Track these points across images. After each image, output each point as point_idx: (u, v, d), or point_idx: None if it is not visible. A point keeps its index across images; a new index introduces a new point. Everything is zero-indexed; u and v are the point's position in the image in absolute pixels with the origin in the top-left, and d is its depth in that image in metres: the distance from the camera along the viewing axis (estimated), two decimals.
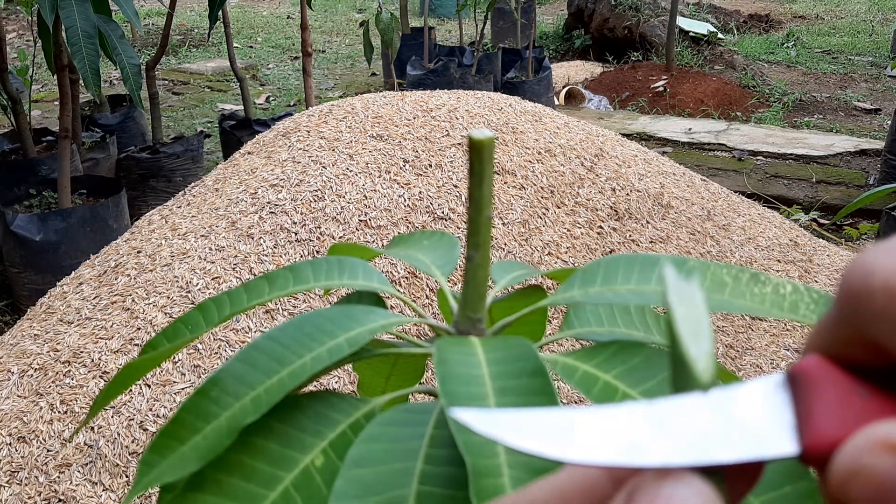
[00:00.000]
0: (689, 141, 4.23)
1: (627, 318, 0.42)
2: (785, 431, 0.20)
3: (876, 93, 5.30)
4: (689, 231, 2.01)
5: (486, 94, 2.20)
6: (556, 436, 0.21)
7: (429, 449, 0.31)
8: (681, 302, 0.21)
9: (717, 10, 7.25)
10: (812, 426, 0.20)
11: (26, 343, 1.53)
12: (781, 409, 0.21)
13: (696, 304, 0.21)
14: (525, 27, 4.93)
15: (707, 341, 0.21)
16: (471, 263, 0.37)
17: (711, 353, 0.21)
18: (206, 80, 5.89)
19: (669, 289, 0.22)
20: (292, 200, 1.73)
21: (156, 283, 1.57)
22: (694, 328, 0.21)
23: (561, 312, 1.58)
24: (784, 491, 0.30)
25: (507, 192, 1.85)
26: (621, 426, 0.21)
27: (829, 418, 0.20)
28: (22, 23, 7.22)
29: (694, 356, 0.21)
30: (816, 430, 0.20)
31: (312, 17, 8.06)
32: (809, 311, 0.36)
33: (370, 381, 0.50)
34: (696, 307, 0.21)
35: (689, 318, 0.21)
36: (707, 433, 0.20)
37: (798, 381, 0.21)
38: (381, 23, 3.47)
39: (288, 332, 0.35)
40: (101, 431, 1.34)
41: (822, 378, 0.21)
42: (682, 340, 0.21)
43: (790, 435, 0.20)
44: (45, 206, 2.69)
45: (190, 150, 3.28)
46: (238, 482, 0.31)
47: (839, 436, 0.19)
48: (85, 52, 2.19)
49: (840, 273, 0.18)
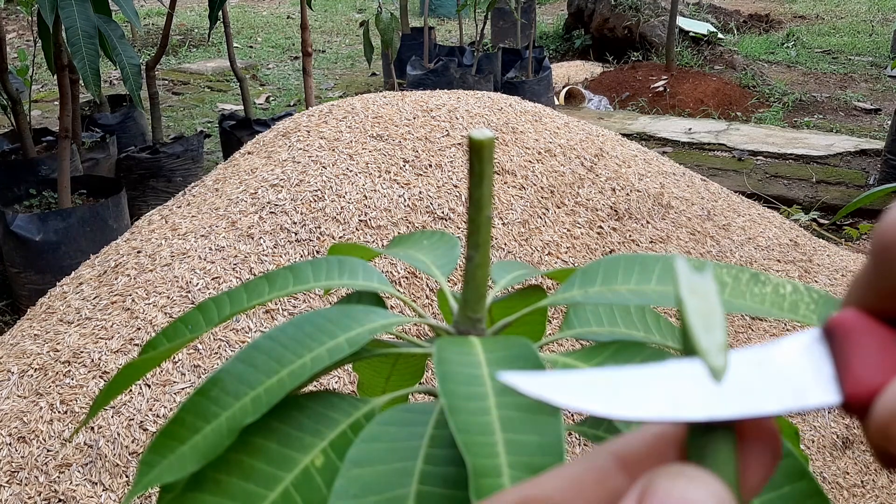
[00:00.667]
0: (689, 141, 4.23)
1: (627, 318, 0.42)
2: (826, 381, 0.21)
3: (876, 93, 5.30)
4: (689, 231, 2.01)
5: (486, 94, 2.20)
6: (603, 394, 0.21)
7: (429, 449, 0.31)
8: (693, 294, 0.22)
9: (717, 10, 7.25)
10: (851, 375, 0.20)
11: (26, 343, 1.53)
12: (820, 361, 0.21)
13: (708, 296, 0.22)
14: (525, 27, 4.93)
15: (720, 333, 0.21)
16: (471, 263, 0.37)
17: (725, 344, 0.21)
18: (206, 80, 5.89)
19: (681, 281, 0.22)
20: (292, 200, 1.73)
21: (156, 283, 1.57)
22: (706, 320, 0.21)
23: (561, 312, 1.58)
24: (784, 491, 0.30)
25: (507, 192, 1.85)
26: (665, 383, 0.21)
27: (868, 367, 0.20)
28: (22, 23, 7.22)
29: (706, 348, 0.21)
30: (856, 378, 0.20)
31: (312, 17, 8.05)
32: (809, 311, 0.36)
33: (370, 381, 0.50)
34: (709, 299, 0.22)
35: (701, 311, 0.21)
36: (750, 386, 0.20)
37: (835, 334, 0.21)
38: (381, 23, 3.47)
39: (288, 332, 0.35)
40: (101, 431, 1.34)
41: (858, 329, 0.21)
42: (695, 332, 0.21)
43: (831, 385, 0.21)
44: (45, 206, 2.69)
45: (190, 150, 3.28)
46: (238, 482, 0.31)
47: (879, 383, 0.20)
48: (85, 52, 2.19)
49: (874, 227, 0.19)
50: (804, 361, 0.21)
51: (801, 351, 0.21)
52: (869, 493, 1.53)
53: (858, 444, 1.60)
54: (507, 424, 0.29)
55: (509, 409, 0.30)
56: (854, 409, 0.20)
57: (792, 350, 0.22)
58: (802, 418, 1.60)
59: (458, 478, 0.30)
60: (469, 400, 0.30)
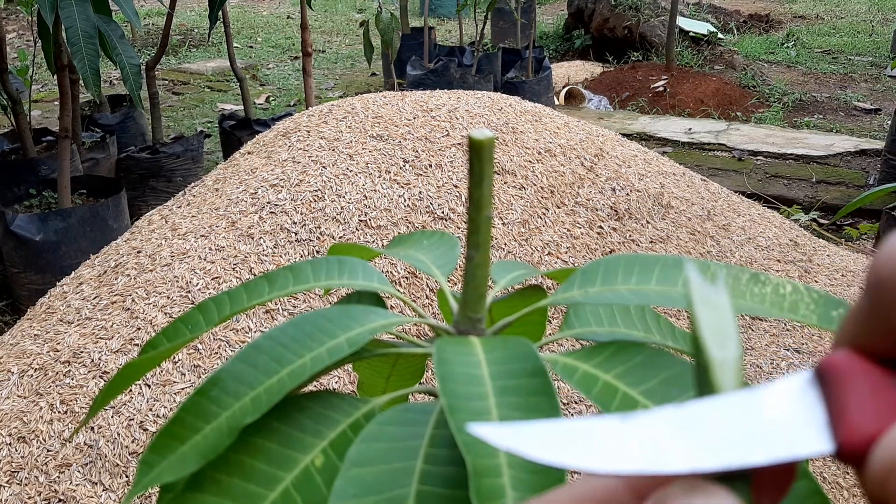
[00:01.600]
0: (689, 141, 4.23)
1: (627, 318, 0.42)
2: (818, 429, 0.20)
3: (876, 93, 5.30)
4: (689, 231, 2.01)
5: (486, 94, 2.20)
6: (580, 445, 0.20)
7: (429, 449, 0.31)
8: (705, 306, 0.21)
9: (717, 10, 7.25)
10: (846, 421, 0.19)
11: (26, 343, 1.53)
12: (812, 407, 0.20)
13: (721, 307, 0.21)
14: (525, 27, 4.93)
15: (733, 346, 0.20)
16: (471, 263, 0.37)
17: (738, 358, 0.20)
18: (206, 80, 5.89)
19: (694, 292, 0.21)
20: (292, 200, 1.73)
21: (156, 283, 1.57)
22: (719, 333, 0.20)
23: (561, 312, 1.58)
24: None
25: (507, 192, 1.85)
26: (646, 432, 0.20)
27: (864, 412, 0.19)
28: (22, 23, 7.22)
29: (719, 362, 0.20)
30: (851, 425, 0.19)
31: (312, 17, 8.06)
32: (809, 311, 0.36)
33: (370, 381, 0.50)
34: (722, 311, 0.21)
35: (714, 323, 0.20)
36: (737, 435, 0.19)
37: (828, 377, 0.20)
38: (381, 23, 3.47)
39: (288, 332, 0.35)
40: (101, 431, 1.34)
41: (852, 372, 0.20)
42: (707, 345, 0.20)
43: (824, 432, 0.20)
44: (45, 206, 2.69)
45: (190, 150, 3.28)
46: (238, 482, 0.31)
47: (875, 430, 0.19)
48: (85, 53, 2.19)
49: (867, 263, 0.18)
50: (795, 407, 0.20)
51: (791, 396, 0.20)
52: None
53: None
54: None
55: (509, 409, 0.30)
56: (849, 458, 0.19)
57: (782, 395, 0.20)
58: None
59: (458, 478, 0.30)
60: (469, 400, 0.30)
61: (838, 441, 0.19)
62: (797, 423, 0.20)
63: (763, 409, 0.20)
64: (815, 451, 0.19)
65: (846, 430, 0.19)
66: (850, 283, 2.01)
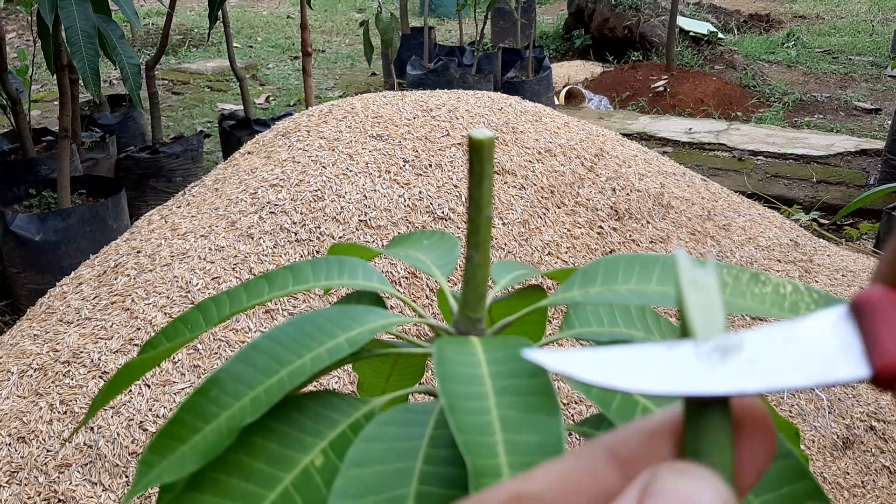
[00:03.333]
0: (690, 141, 4.23)
1: (627, 318, 0.42)
2: (854, 355, 0.21)
3: (876, 93, 5.30)
4: (689, 231, 2.01)
5: (486, 94, 2.20)
6: (628, 369, 0.21)
7: (428, 449, 0.31)
8: (694, 288, 0.21)
9: (718, 10, 7.25)
10: (880, 350, 0.20)
11: (26, 343, 1.53)
12: (848, 336, 0.21)
13: (709, 290, 0.21)
14: (525, 27, 4.93)
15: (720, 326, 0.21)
16: (471, 263, 0.37)
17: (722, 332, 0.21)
18: (205, 80, 5.89)
19: (682, 275, 0.22)
20: (292, 200, 1.73)
21: (155, 283, 1.57)
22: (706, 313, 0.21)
23: (561, 312, 1.58)
24: (784, 491, 0.30)
25: (507, 192, 1.85)
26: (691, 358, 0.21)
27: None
28: (22, 23, 7.22)
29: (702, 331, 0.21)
30: (885, 352, 0.20)
31: (312, 17, 8.05)
32: (810, 311, 0.36)
33: (370, 381, 0.50)
34: (710, 294, 0.21)
35: (702, 305, 0.21)
36: (778, 361, 0.20)
37: (862, 310, 0.21)
38: (381, 23, 3.47)
39: (288, 332, 0.35)
40: (100, 431, 1.34)
41: (886, 305, 0.21)
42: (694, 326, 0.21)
43: (860, 359, 0.21)
44: (44, 206, 2.69)
45: (190, 150, 3.28)
46: (237, 482, 0.31)
47: None
48: (85, 52, 2.19)
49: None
50: (831, 336, 0.21)
51: (828, 326, 0.21)
52: (869, 494, 1.53)
53: (859, 444, 1.60)
54: (507, 424, 0.29)
55: (509, 409, 0.30)
56: (884, 383, 0.20)
57: (818, 325, 0.21)
58: (803, 419, 1.60)
59: (458, 478, 0.30)
60: (469, 400, 0.30)
61: (873, 367, 0.20)
62: (834, 350, 0.21)
63: (802, 338, 0.21)
64: (851, 376, 0.20)
65: (880, 357, 0.20)
66: (850, 283, 2.01)
